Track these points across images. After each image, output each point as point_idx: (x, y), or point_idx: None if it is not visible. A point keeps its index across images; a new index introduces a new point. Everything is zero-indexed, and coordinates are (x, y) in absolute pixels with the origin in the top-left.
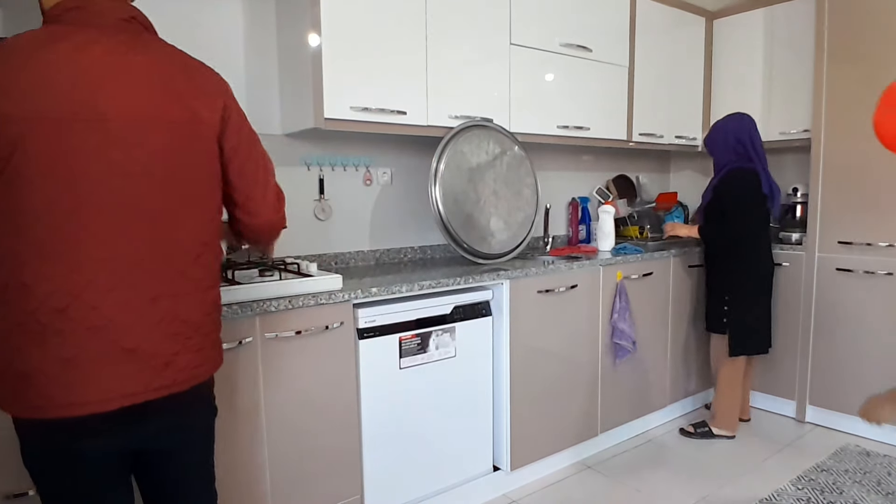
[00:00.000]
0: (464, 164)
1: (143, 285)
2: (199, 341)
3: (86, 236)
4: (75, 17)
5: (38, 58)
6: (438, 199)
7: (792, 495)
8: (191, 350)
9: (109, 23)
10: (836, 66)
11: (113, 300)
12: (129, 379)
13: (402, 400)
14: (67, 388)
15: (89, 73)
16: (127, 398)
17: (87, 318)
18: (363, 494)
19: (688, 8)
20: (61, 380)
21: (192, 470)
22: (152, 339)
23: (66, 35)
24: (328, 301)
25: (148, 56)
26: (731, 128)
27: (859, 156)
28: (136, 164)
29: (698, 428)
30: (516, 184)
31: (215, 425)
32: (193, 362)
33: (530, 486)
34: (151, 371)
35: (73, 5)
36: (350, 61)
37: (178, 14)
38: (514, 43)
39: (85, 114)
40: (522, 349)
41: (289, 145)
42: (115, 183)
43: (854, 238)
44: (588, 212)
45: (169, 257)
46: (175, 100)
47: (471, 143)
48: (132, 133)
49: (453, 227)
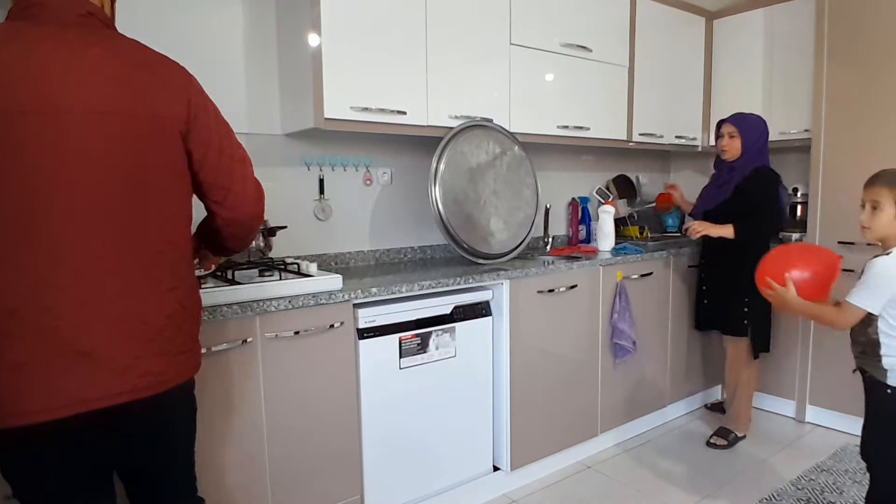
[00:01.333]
0: (464, 164)
1: (102, 283)
2: (162, 345)
3: (39, 233)
4: (34, 14)
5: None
6: (438, 199)
7: (792, 495)
8: (153, 353)
9: (67, 19)
10: (836, 66)
11: (67, 299)
12: (86, 384)
13: (402, 400)
14: (19, 396)
15: (42, 68)
16: (83, 404)
17: (39, 320)
18: (363, 494)
19: (688, 8)
20: (13, 386)
21: (170, 474)
22: (111, 340)
23: (22, 31)
24: (328, 301)
25: (105, 50)
26: (766, 129)
27: (859, 156)
28: (94, 157)
29: (726, 436)
30: (516, 184)
31: (196, 428)
32: (157, 367)
33: (530, 486)
34: (111, 375)
35: (33, 2)
36: (350, 61)
37: (178, 14)
38: (514, 43)
39: (37, 107)
40: (522, 349)
41: (289, 145)
42: (71, 177)
43: (854, 238)
44: (588, 212)
45: (129, 255)
46: (134, 94)
47: (471, 143)
48: (88, 126)
49: (453, 227)
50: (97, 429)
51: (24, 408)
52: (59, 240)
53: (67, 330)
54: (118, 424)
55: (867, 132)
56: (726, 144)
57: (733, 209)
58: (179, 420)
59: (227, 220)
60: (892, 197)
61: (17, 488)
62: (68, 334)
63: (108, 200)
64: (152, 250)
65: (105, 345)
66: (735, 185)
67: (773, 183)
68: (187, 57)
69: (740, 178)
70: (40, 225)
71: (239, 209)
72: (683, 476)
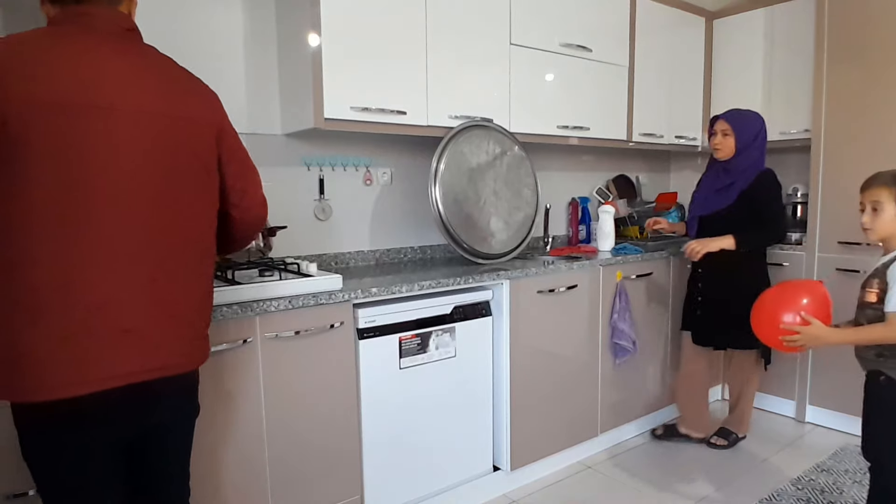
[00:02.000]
0: (464, 164)
1: (142, 266)
2: (188, 328)
3: (89, 216)
4: (85, 22)
5: (53, 51)
6: (438, 200)
7: (792, 495)
8: (182, 335)
9: (114, 30)
10: (836, 66)
11: (113, 279)
12: (127, 358)
13: (402, 400)
14: (67, 367)
15: (98, 69)
16: (126, 377)
17: (88, 296)
18: (363, 494)
19: (688, 8)
20: (61, 358)
21: (176, 459)
22: (148, 320)
23: (72, 35)
24: (328, 301)
25: (148, 60)
26: (763, 127)
27: (859, 156)
28: (140, 152)
29: (727, 437)
30: (516, 184)
31: (195, 426)
32: (184, 349)
33: (530, 486)
34: (147, 351)
35: (81, 11)
36: (350, 61)
37: (178, 14)
38: (514, 43)
39: (93, 101)
40: (522, 349)
41: (289, 145)
42: (119, 167)
43: (854, 238)
44: (588, 212)
45: (166, 242)
46: (175, 99)
47: (471, 144)
48: (137, 124)
49: (453, 227)
50: (128, 404)
51: (71, 378)
52: (105, 223)
53: (112, 307)
54: (148, 400)
55: (867, 132)
56: (719, 143)
57: (738, 216)
58: (191, 406)
59: (239, 220)
60: (892, 196)
61: (41, 472)
62: (113, 312)
63: (149, 192)
64: (183, 240)
65: (144, 323)
66: (741, 191)
67: (779, 189)
68: (187, 57)
69: (745, 184)
70: (90, 209)
71: (251, 210)
72: (683, 476)
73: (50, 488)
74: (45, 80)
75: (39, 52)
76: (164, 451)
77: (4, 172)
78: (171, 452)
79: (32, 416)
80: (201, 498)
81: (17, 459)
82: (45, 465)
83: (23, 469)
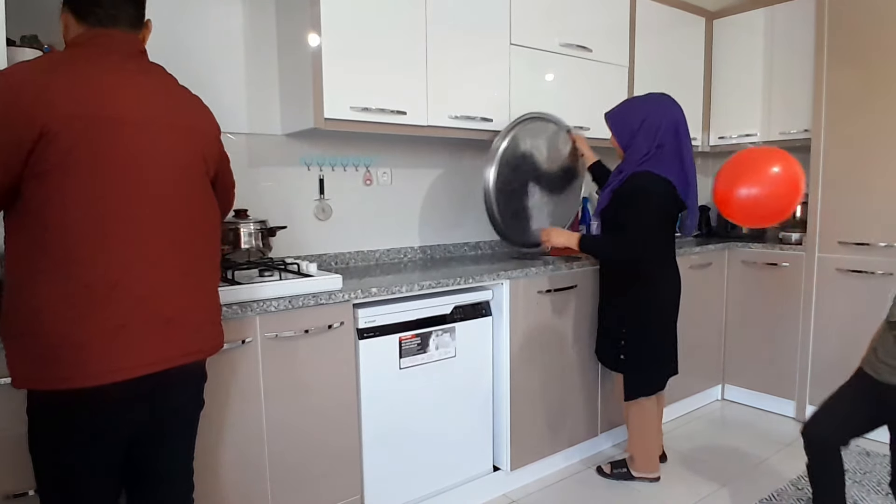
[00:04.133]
0: (518, 151)
1: (177, 262)
2: (213, 316)
3: (131, 218)
4: (103, 43)
5: (87, 72)
6: (491, 180)
7: (792, 495)
8: (211, 322)
9: (129, 52)
10: (836, 66)
11: (156, 274)
12: (168, 345)
13: (402, 400)
14: (117, 354)
15: (122, 85)
16: (166, 361)
17: (136, 289)
18: (363, 494)
19: (688, 8)
20: (111, 347)
21: (180, 455)
22: (186, 309)
23: (93, 57)
24: (328, 301)
25: (159, 79)
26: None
27: (859, 156)
28: (162, 156)
29: (616, 468)
30: (562, 180)
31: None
32: (213, 333)
33: (530, 486)
34: (186, 336)
35: (103, 33)
36: (350, 61)
37: (178, 14)
38: (514, 43)
39: (121, 116)
40: (522, 349)
41: (289, 145)
42: (147, 172)
43: (854, 238)
44: (588, 212)
45: (190, 240)
46: (183, 113)
47: (531, 134)
48: (157, 133)
49: (498, 210)
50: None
51: (121, 364)
52: (143, 224)
53: (157, 299)
54: (174, 383)
55: (867, 132)
56: (613, 143)
57: (610, 217)
58: (200, 398)
59: (222, 212)
60: None
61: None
62: (158, 302)
63: (174, 194)
64: (202, 235)
65: (182, 312)
66: (612, 191)
67: (643, 197)
68: (187, 57)
69: (618, 184)
70: (129, 211)
71: (227, 208)
72: (684, 476)
73: (50, 480)
74: (83, 99)
75: (77, 75)
76: (171, 444)
77: (48, 181)
78: (177, 447)
79: (60, 404)
80: (202, 498)
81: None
82: (54, 456)
83: (23, 469)
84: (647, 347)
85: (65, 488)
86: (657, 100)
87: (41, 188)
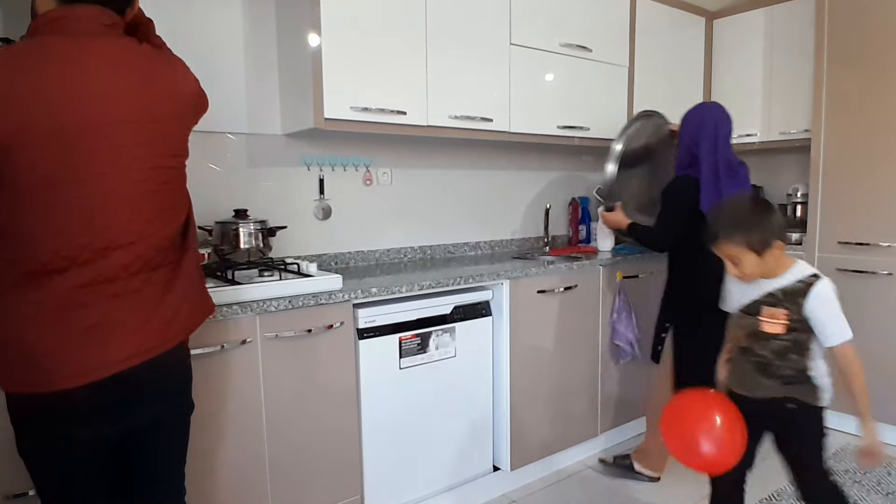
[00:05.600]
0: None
1: (150, 257)
2: (196, 293)
3: (106, 224)
4: (59, 27)
5: (43, 72)
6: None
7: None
8: (189, 300)
9: (92, 30)
10: (836, 66)
11: (126, 273)
12: (147, 336)
13: (402, 400)
14: (91, 354)
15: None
16: (147, 353)
17: (108, 289)
18: (363, 494)
19: (688, 8)
20: (85, 347)
21: (170, 458)
22: (164, 299)
23: (49, 46)
24: (328, 301)
25: (130, 56)
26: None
27: (859, 156)
28: (130, 161)
29: (619, 460)
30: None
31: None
32: (192, 311)
33: (530, 486)
34: (163, 325)
35: (57, 15)
36: (350, 61)
37: (178, 14)
38: (514, 43)
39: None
40: (522, 349)
41: (289, 145)
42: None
43: (854, 238)
44: (588, 212)
45: (165, 233)
46: (157, 95)
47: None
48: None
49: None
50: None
51: (93, 364)
52: (117, 229)
53: (131, 296)
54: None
55: (867, 132)
56: None
57: None
58: (185, 401)
59: None
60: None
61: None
62: (132, 300)
63: (148, 189)
64: (182, 222)
65: (159, 304)
66: (661, 187)
67: (677, 199)
68: (187, 57)
69: (666, 181)
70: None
71: None
72: (684, 476)
73: (46, 484)
74: (38, 107)
75: (31, 77)
76: (160, 446)
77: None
78: (167, 450)
79: (42, 407)
80: (201, 498)
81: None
82: (43, 460)
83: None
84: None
85: (56, 490)
86: (707, 111)
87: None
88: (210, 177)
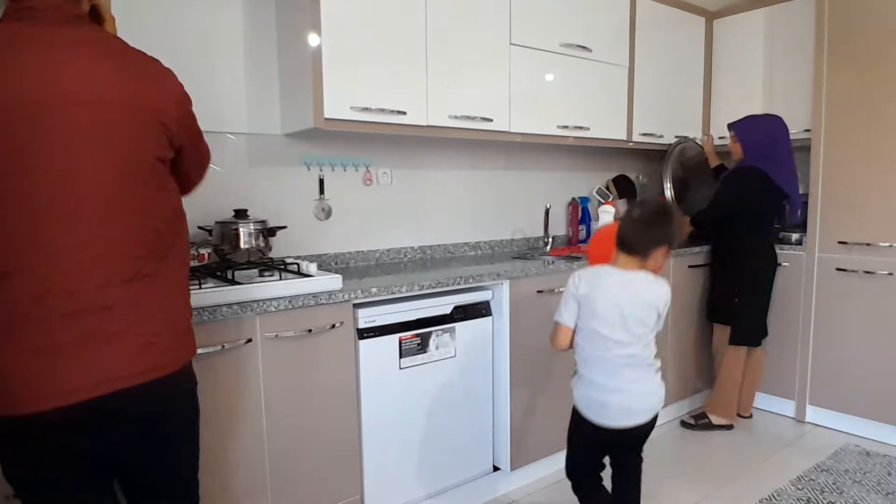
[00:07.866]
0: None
1: (119, 267)
2: (172, 324)
3: (64, 218)
4: (28, 15)
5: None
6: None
7: (792, 495)
8: (170, 332)
9: (61, 19)
10: (836, 66)
11: (90, 285)
12: (113, 363)
13: (403, 400)
14: (50, 377)
15: (46, 65)
16: (113, 382)
17: (65, 305)
18: (363, 494)
19: (688, 8)
20: (41, 370)
21: (175, 469)
22: (132, 320)
23: (17, 33)
24: (328, 301)
25: (100, 47)
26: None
27: (859, 156)
28: (98, 145)
29: (699, 420)
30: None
31: (199, 426)
32: (173, 344)
33: (530, 486)
34: (134, 352)
35: (27, 5)
36: (350, 61)
37: (178, 14)
38: (514, 43)
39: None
40: (522, 349)
41: (289, 145)
42: (81, 165)
43: (854, 238)
44: (588, 212)
45: (137, 238)
46: (130, 87)
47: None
48: (93, 116)
49: None
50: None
51: (56, 389)
52: (79, 224)
53: (92, 312)
54: (141, 405)
55: (867, 132)
56: (731, 147)
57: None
58: (188, 405)
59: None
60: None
61: (23, 489)
62: (92, 316)
63: (114, 186)
64: (153, 232)
65: (127, 324)
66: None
67: (734, 185)
68: (187, 57)
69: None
70: (64, 211)
71: (190, 186)
72: (684, 475)
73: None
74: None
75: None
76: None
77: None
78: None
79: (12, 431)
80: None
81: None
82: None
83: None
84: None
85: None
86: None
87: None
88: (210, 177)
